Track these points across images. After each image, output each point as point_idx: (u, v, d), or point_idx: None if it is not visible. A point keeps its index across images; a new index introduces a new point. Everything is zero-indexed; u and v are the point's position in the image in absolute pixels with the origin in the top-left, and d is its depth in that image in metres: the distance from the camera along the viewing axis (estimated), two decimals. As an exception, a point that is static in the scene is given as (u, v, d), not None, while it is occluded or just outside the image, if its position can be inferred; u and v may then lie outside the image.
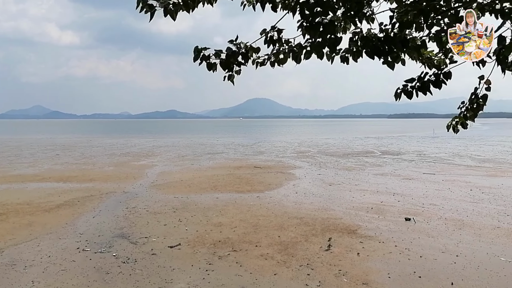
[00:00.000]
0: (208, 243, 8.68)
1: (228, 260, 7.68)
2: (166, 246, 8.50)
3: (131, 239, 9.06)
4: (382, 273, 7.03)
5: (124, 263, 7.54)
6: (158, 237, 9.13)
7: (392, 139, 51.14)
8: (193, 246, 8.48)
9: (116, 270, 7.18)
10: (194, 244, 8.65)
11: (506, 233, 9.51)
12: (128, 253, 8.06)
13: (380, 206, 12.32)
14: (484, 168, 22.20)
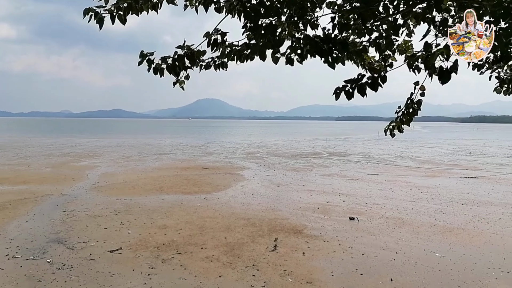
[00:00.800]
0: (151, 247, 8.45)
1: (172, 263, 7.51)
2: (106, 250, 8.16)
3: (67, 244, 8.58)
4: (326, 272, 7.24)
5: (59, 269, 7.12)
6: (98, 242, 8.74)
7: (339, 141, 52.97)
8: (135, 250, 8.21)
9: (50, 277, 6.77)
10: (137, 247, 8.38)
11: (442, 230, 10.17)
12: (63, 259, 7.63)
13: (326, 206, 12.69)
14: (423, 169, 23.63)
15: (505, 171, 22.47)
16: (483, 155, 34.66)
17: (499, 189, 16.56)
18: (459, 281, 6.91)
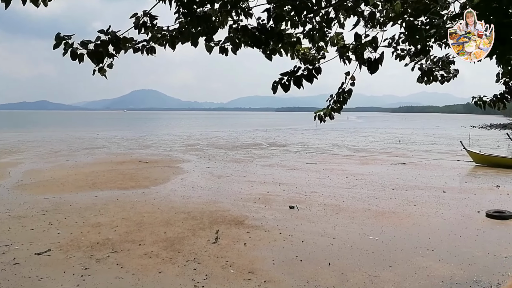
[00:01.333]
0: (84, 246, 8.05)
1: (107, 262, 7.22)
2: (33, 253, 7.63)
3: (-13, 249, 7.90)
4: (267, 261, 7.38)
5: (-22, 277, 6.54)
6: (23, 244, 8.14)
7: (279, 132, 54.08)
8: (66, 251, 7.77)
9: (-33, 287, 6.20)
10: (68, 248, 7.93)
11: (375, 214, 10.81)
12: (-17, 266, 7.01)
13: (266, 196, 12.91)
14: (358, 157, 24.89)
15: (430, 157, 24.36)
16: (411, 142, 37.27)
17: (425, 174, 17.93)
18: (390, 261, 7.40)
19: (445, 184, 15.28)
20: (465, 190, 14.45)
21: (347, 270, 6.97)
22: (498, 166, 19.95)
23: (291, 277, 6.64)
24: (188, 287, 6.24)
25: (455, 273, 6.85)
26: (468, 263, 7.33)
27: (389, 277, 6.70)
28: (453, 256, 7.69)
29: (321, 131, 53.75)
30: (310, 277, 6.67)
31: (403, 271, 6.95)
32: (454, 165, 21.13)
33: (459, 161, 22.07)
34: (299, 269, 7.04)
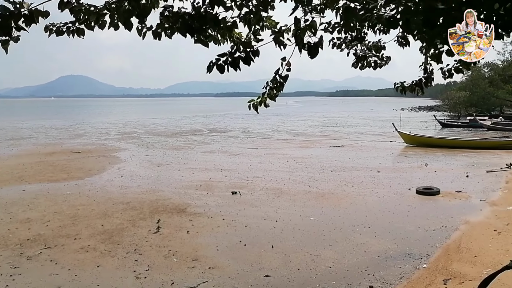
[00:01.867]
0: (12, 244, 7.51)
1: (40, 259, 6.81)
2: (-48, 255, 6.99)
3: None
4: (211, 247, 7.40)
5: None
6: None
7: (219, 117, 53.88)
8: (-9, 251, 7.21)
9: None
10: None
11: (315, 196, 11.22)
12: None
13: (208, 183, 12.87)
14: (297, 141, 25.58)
15: (366, 139, 25.69)
16: (347, 125, 39.00)
17: (361, 155, 18.90)
18: (330, 240, 7.76)
19: (379, 164, 16.22)
20: (398, 169, 15.45)
21: (290, 251, 7.20)
22: (426, 145, 21.56)
23: (235, 262, 6.72)
24: (130, 279, 6.09)
25: (389, 248, 7.35)
26: (401, 237, 7.89)
27: (329, 255, 7.03)
28: (387, 231, 8.22)
29: (261, 116, 54.32)
30: (254, 260, 6.80)
31: (342, 249, 7.32)
32: (387, 146, 22.47)
33: (391, 142, 23.48)
34: (243, 253, 7.15)
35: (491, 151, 19.72)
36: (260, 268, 6.48)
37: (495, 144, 21.63)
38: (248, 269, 6.46)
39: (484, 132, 29.63)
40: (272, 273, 6.29)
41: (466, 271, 6.16)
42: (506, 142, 21.55)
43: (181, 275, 6.22)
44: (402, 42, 4.13)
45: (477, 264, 6.42)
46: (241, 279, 6.10)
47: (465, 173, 13.93)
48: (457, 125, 35.92)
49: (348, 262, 6.75)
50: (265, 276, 6.19)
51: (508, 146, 20.63)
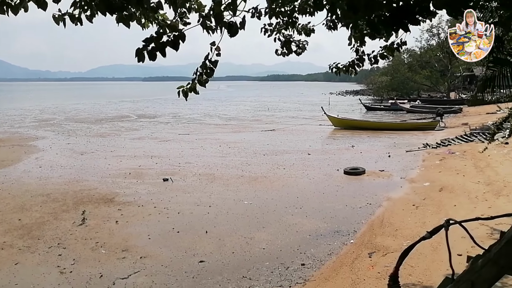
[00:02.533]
0: None
1: None
2: None
3: None
4: (142, 236, 7.22)
5: None
6: None
7: (148, 102, 52.15)
8: None
9: None
10: None
11: (248, 180, 11.37)
12: None
13: (138, 170, 12.47)
14: (230, 126, 25.64)
15: (296, 123, 26.44)
16: (278, 110, 39.85)
17: (292, 138, 19.47)
18: (264, 222, 7.95)
19: (309, 147, 16.83)
20: (327, 151, 16.17)
21: (224, 235, 7.26)
22: (353, 128, 22.77)
23: (168, 250, 6.64)
24: (53, 275, 5.76)
25: (320, 226, 7.72)
26: (330, 216, 8.31)
27: (263, 237, 7.21)
28: (317, 211, 8.61)
29: (192, 101, 53.53)
30: (188, 246, 6.77)
31: (275, 230, 7.54)
32: (317, 129, 23.36)
33: (321, 125, 24.43)
34: (177, 240, 7.08)
35: (410, 132, 21.36)
36: (194, 254, 6.47)
37: (413, 125, 23.48)
38: (182, 256, 6.41)
39: (404, 115, 31.93)
40: (207, 258, 6.32)
41: (389, 243, 6.67)
42: (423, 124, 23.50)
43: (111, 267, 6.01)
44: (330, 26, 4.26)
45: (398, 237, 6.97)
46: (175, 266, 6.05)
47: (387, 153, 14.96)
48: (380, 108, 38.29)
49: (281, 242, 6.98)
50: (200, 262, 6.20)
51: (424, 127, 22.51)
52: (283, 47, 4.72)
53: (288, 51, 4.72)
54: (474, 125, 19.93)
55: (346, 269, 5.90)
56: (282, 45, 4.72)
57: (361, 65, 4.70)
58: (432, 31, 45.67)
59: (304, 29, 4.75)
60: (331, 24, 4.36)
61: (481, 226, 5.82)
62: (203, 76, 3.74)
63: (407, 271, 5.35)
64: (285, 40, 4.73)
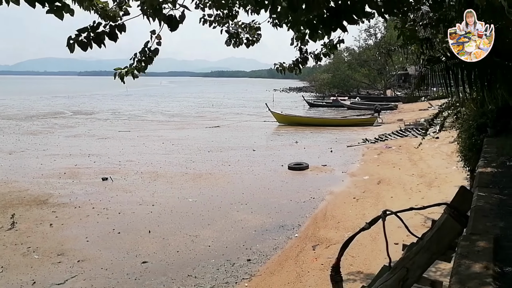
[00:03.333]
0: None
1: None
2: None
3: None
4: (79, 239, 6.89)
5: None
6: None
7: (84, 98, 49.75)
8: None
9: None
10: None
11: (192, 177, 11.23)
12: None
13: (74, 170, 11.86)
14: (173, 122, 25.16)
15: (241, 119, 26.55)
16: (223, 106, 39.75)
17: (237, 135, 19.52)
18: (209, 220, 7.90)
19: (254, 143, 16.95)
20: (271, 147, 16.39)
21: (168, 235, 7.13)
22: (297, 124, 23.28)
23: (108, 252, 6.39)
24: (-21, 285, 5.33)
25: (265, 222, 7.81)
26: (276, 211, 8.44)
27: (209, 234, 7.17)
28: (263, 207, 8.71)
29: (133, 96, 51.93)
30: (130, 247, 6.56)
31: (221, 227, 7.53)
32: (261, 125, 23.60)
33: (265, 121, 24.70)
34: (117, 241, 6.83)
35: (350, 128, 22.24)
36: (136, 255, 6.28)
37: (353, 121, 24.48)
38: (123, 258, 6.21)
39: (345, 111, 33.16)
40: (150, 259, 6.16)
41: (331, 236, 6.91)
42: (362, 120, 24.58)
43: (45, 273, 5.68)
44: (275, 23, 4.31)
45: (340, 229, 7.24)
46: (116, 269, 5.84)
47: (330, 149, 15.46)
48: (322, 105, 39.50)
49: (227, 239, 6.98)
50: (143, 263, 6.03)
51: (364, 123, 23.56)
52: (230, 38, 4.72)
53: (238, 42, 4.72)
54: (408, 121, 21.16)
55: (291, 263, 6.03)
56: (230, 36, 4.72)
57: (305, 64, 4.81)
58: (370, 31, 47.82)
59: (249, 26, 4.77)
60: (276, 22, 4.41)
61: (416, 215, 6.20)
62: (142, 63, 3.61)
63: (349, 261, 5.58)
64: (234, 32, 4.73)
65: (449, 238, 2.43)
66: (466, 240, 2.14)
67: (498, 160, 4.19)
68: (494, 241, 2.10)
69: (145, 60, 3.48)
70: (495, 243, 2.07)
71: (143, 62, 3.50)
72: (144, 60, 3.48)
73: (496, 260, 1.86)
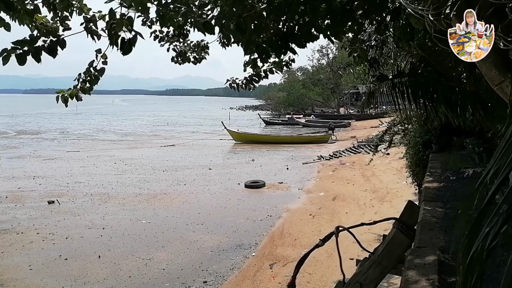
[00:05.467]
0: None
1: None
2: None
3: None
4: (22, 267, 6.47)
5: None
6: None
7: (30, 117, 47.53)
8: None
9: None
10: None
11: (146, 198, 10.94)
12: None
13: (17, 193, 11.20)
14: (126, 142, 24.51)
15: (197, 137, 26.32)
16: (178, 124, 39.30)
17: (193, 153, 19.30)
18: (164, 241, 7.70)
19: (210, 162, 16.83)
20: (227, 165, 16.33)
21: (120, 259, 6.86)
22: (253, 142, 23.41)
23: (54, 280, 6.05)
24: None
25: (222, 241, 7.72)
26: (232, 230, 8.37)
27: (163, 256, 6.97)
28: (219, 226, 8.62)
29: (83, 115, 50.18)
30: (78, 274, 6.25)
31: (176, 249, 7.35)
32: (218, 143, 23.51)
33: (221, 139, 24.65)
34: (64, 268, 6.48)
35: (305, 145, 22.67)
36: (85, 282, 5.99)
37: (308, 139, 24.98)
38: (70, 286, 5.89)
39: (300, 129, 33.85)
40: (99, 285, 5.89)
41: (288, 253, 6.93)
42: (317, 137, 25.13)
43: (-18, 307, 5.26)
44: (224, 43, 4.35)
45: (297, 246, 7.28)
46: (62, 298, 5.52)
47: (286, 166, 15.65)
48: (278, 123, 40.12)
49: (182, 261, 6.82)
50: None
51: (318, 140, 24.09)
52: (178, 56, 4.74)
53: (184, 60, 4.74)
54: (361, 138, 21.91)
55: (248, 283, 5.97)
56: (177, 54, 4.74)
57: (258, 81, 4.87)
58: (322, 51, 49.45)
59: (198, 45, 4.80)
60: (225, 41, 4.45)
61: (369, 231, 6.35)
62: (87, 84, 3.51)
63: (306, 279, 5.61)
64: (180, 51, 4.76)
65: (398, 252, 2.52)
66: (413, 254, 2.23)
67: (442, 175, 4.42)
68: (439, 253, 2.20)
69: (90, 80, 3.38)
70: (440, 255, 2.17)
71: (89, 82, 3.39)
72: (90, 80, 3.38)
73: (441, 272, 1.95)
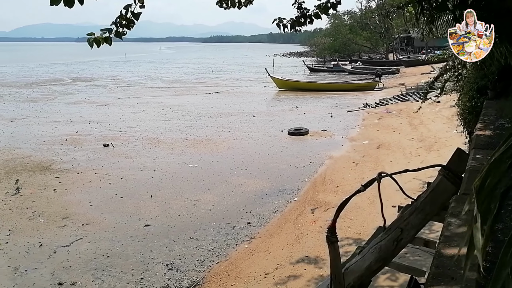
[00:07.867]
0: None
1: None
2: None
3: None
4: (83, 203, 7.02)
5: None
6: None
7: (83, 65, 49.11)
8: None
9: None
10: None
11: (192, 143, 11.28)
12: None
13: (75, 136, 11.91)
14: (172, 89, 24.98)
15: (241, 85, 26.33)
16: (223, 72, 39.28)
17: (237, 101, 19.41)
18: (210, 184, 8.02)
19: (254, 109, 16.90)
20: (271, 113, 16.34)
21: (170, 199, 7.25)
22: (297, 89, 23.09)
23: (111, 215, 6.53)
24: (-13, 248, 5.48)
25: (265, 186, 7.92)
26: (275, 176, 8.53)
27: (209, 198, 7.29)
28: (262, 172, 8.80)
29: (131, 63, 51.29)
30: (133, 211, 6.69)
31: (221, 192, 7.64)
32: (261, 91, 23.42)
33: (265, 87, 24.51)
34: (120, 206, 6.96)
35: (351, 92, 22.07)
36: (139, 219, 6.42)
37: (354, 86, 24.25)
38: (126, 221, 6.34)
39: (346, 76, 32.81)
40: (152, 222, 6.30)
41: (330, 199, 7.01)
42: (363, 84, 24.33)
43: (51, 236, 5.82)
44: None
45: (338, 192, 7.34)
46: (119, 232, 5.98)
47: (330, 114, 15.43)
48: (323, 70, 38.98)
49: (227, 203, 7.10)
50: (145, 226, 6.17)
51: (364, 88, 23.34)
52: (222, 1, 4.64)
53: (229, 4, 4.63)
54: (410, 85, 20.97)
55: (290, 225, 6.16)
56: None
57: (305, 22, 4.69)
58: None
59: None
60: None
61: (414, 179, 6.27)
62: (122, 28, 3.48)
63: (347, 224, 5.70)
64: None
65: (442, 199, 2.47)
66: (457, 200, 2.19)
67: (496, 122, 4.19)
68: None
69: (126, 25, 3.36)
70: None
71: (124, 27, 3.38)
72: (125, 25, 3.36)
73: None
